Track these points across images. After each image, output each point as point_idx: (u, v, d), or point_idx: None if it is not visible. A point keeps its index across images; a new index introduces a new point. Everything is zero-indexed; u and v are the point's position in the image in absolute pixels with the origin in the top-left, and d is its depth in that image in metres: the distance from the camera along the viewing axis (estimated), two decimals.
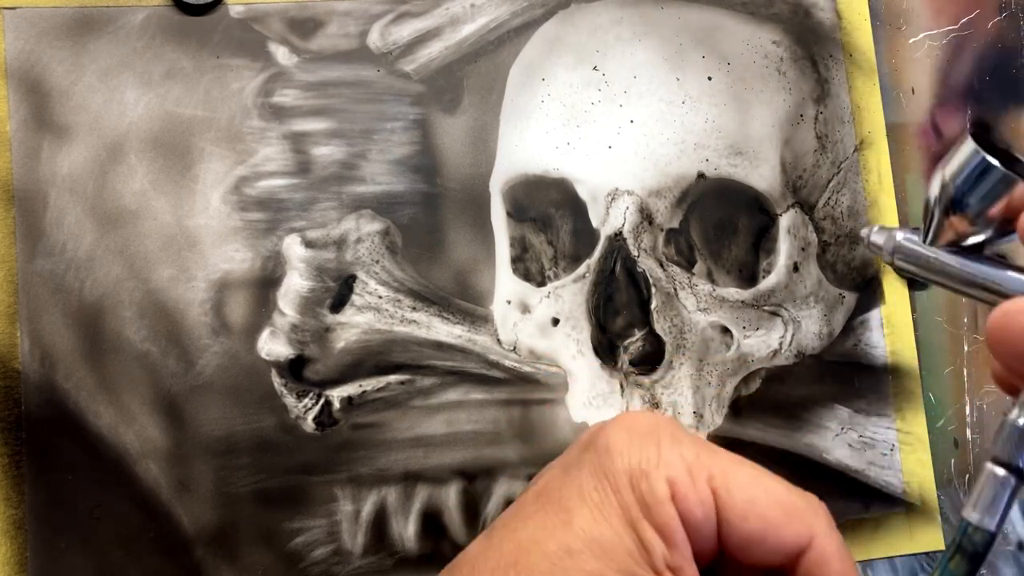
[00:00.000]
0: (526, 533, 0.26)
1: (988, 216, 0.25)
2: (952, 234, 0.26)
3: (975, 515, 0.24)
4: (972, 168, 0.24)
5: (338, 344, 0.40)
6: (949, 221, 0.26)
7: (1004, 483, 0.24)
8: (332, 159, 0.41)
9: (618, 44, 0.43)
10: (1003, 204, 0.24)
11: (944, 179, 0.25)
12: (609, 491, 0.26)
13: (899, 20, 0.47)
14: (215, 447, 0.38)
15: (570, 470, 0.27)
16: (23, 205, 0.38)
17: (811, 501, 0.28)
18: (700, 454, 0.27)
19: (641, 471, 0.26)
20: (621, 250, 0.42)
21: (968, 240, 0.26)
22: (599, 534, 0.25)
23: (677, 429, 0.28)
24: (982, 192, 0.24)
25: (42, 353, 0.38)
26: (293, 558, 0.39)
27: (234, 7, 0.41)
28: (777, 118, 0.44)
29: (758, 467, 0.28)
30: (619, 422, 0.28)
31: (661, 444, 0.27)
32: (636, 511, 0.26)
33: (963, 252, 0.26)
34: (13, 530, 0.37)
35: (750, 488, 0.27)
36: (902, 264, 0.27)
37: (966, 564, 0.24)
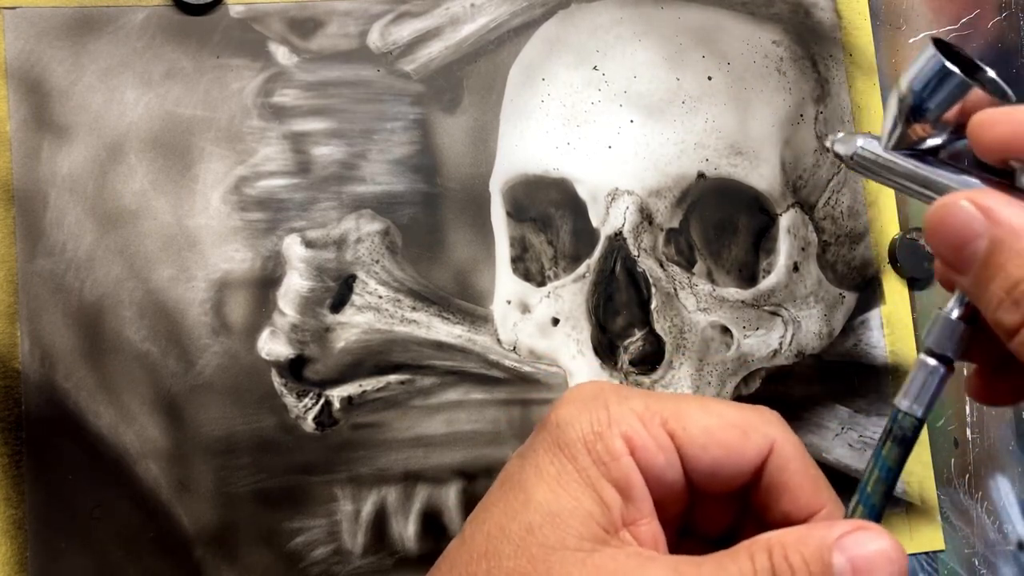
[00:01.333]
0: (492, 522, 0.26)
1: (944, 120, 0.26)
2: (910, 138, 0.27)
3: (905, 402, 0.26)
4: (931, 73, 0.25)
5: (338, 344, 0.40)
6: (907, 125, 0.27)
7: (934, 372, 0.25)
8: (332, 159, 0.41)
9: (618, 44, 0.43)
10: (958, 108, 0.25)
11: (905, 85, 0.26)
12: (565, 461, 0.26)
13: (899, 20, 0.47)
14: (215, 447, 0.38)
15: (526, 455, 0.28)
16: (23, 205, 0.38)
17: (763, 412, 0.28)
18: (649, 403, 0.27)
19: (595, 434, 0.27)
20: (621, 250, 0.42)
21: (924, 144, 0.27)
22: (557, 505, 0.25)
23: (622, 388, 0.29)
24: (940, 97, 0.25)
25: (42, 353, 0.38)
26: (293, 558, 0.39)
27: (234, 7, 0.41)
28: (777, 118, 0.44)
29: (706, 397, 0.28)
30: (565, 397, 0.28)
31: (609, 405, 0.27)
32: (594, 472, 0.26)
33: (919, 156, 0.27)
34: (13, 530, 0.37)
35: (703, 418, 0.27)
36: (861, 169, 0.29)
37: (897, 449, 0.26)
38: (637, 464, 0.26)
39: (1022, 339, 0.22)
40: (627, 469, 0.26)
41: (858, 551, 0.23)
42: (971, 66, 0.26)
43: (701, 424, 0.27)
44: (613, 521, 0.26)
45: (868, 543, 0.23)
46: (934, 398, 0.25)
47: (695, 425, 0.27)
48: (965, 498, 0.44)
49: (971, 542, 0.44)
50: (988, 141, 0.24)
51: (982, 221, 0.23)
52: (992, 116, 0.24)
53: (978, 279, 0.23)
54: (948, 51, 0.26)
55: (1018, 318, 0.22)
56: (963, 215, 0.23)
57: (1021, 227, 0.22)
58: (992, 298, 0.23)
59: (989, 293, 0.23)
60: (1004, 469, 0.45)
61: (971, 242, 0.23)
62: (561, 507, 0.25)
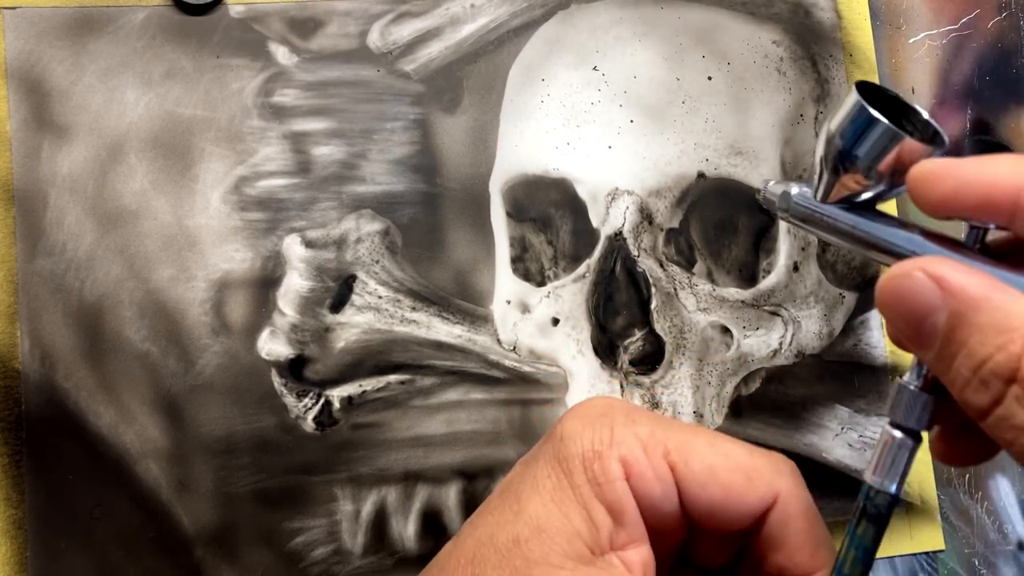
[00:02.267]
0: (485, 529, 0.26)
1: (878, 171, 0.24)
2: (842, 190, 0.25)
3: (875, 479, 0.24)
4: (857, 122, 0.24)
5: (338, 344, 0.40)
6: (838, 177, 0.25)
7: (902, 445, 0.24)
8: (332, 159, 0.41)
9: (618, 44, 0.43)
10: (892, 158, 0.23)
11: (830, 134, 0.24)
12: (562, 476, 0.26)
13: (899, 20, 0.47)
14: (215, 447, 0.38)
15: (529, 463, 0.28)
16: (23, 205, 0.38)
17: (775, 460, 0.27)
18: (655, 431, 0.27)
19: (594, 452, 0.26)
20: (621, 250, 0.42)
21: (861, 196, 0.25)
22: (547, 520, 0.25)
23: (633, 409, 0.28)
24: (868, 147, 0.24)
25: (42, 353, 0.38)
26: (293, 558, 0.39)
27: (234, 7, 0.41)
28: (777, 118, 0.44)
29: (717, 434, 0.28)
30: (574, 410, 0.28)
31: (615, 425, 0.27)
32: (587, 491, 0.26)
33: (855, 208, 0.25)
34: (13, 530, 0.37)
35: (708, 456, 0.26)
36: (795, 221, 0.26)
37: (872, 527, 0.25)
38: (632, 490, 0.26)
39: (995, 420, 0.21)
40: (620, 493, 0.26)
41: None
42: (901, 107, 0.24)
43: (705, 461, 0.26)
44: (600, 543, 0.25)
45: None
46: (905, 472, 0.24)
47: (699, 461, 0.26)
48: (965, 498, 0.44)
49: (971, 542, 0.44)
50: (932, 199, 0.23)
51: (938, 293, 0.22)
52: (934, 171, 0.23)
53: (941, 356, 0.22)
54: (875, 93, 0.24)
55: (988, 399, 0.21)
56: (917, 288, 0.22)
57: (979, 297, 0.21)
58: (957, 378, 0.21)
59: (954, 372, 0.22)
60: (1004, 469, 0.45)
61: (929, 317, 0.22)
62: (550, 522, 0.25)
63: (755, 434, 0.42)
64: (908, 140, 0.23)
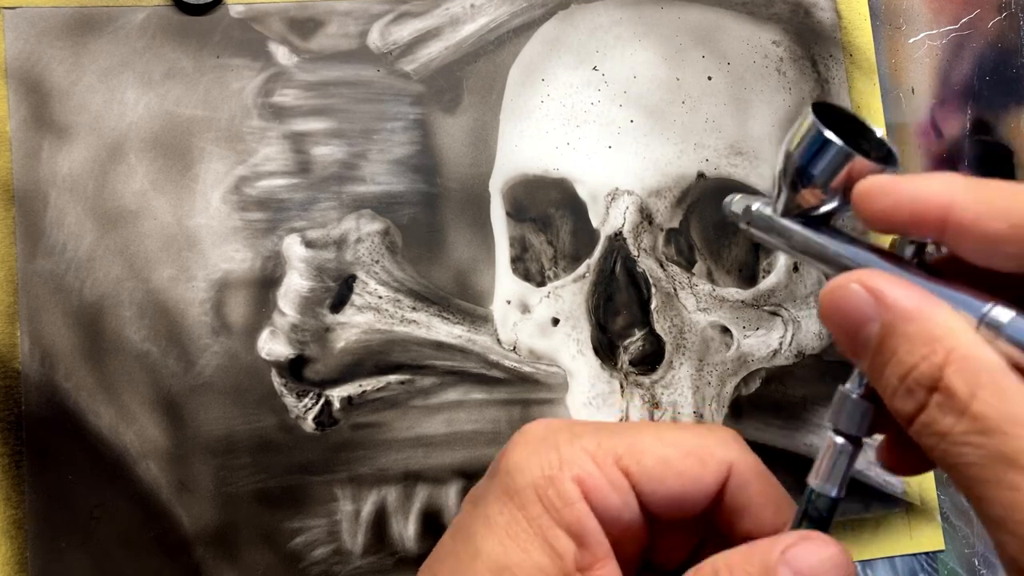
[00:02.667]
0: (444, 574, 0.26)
1: (832, 188, 0.25)
2: (799, 205, 0.26)
3: (817, 483, 0.25)
4: (811, 141, 0.25)
5: (338, 344, 0.40)
6: (795, 193, 0.26)
7: (842, 451, 0.25)
8: (332, 159, 0.41)
9: (618, 44, 0.43)
10: (844, 175, 0.25)
11: (787, 152, 0.26)
12: (515, 510, 0.26)
13: (899, 20, 0.47)
14: (215, 447, 0.38)
15: (478, 502, 0.27)
16: (23, 205, 0.38)
17: (719, 433, 0.28)
18: (601, 440, 0.27)
19: (546, 478, 0.26)
20: (621, 250, 0.42)
21: (819, 210, 0.26)
22: (506, 559, 0.25)
23: (574, 424, 0.28)
24: (822, 165, 0.25)
25: (42, 353, 0.38)
26: (293, 558, 0.39)
27: (234, 7, 0.41)
28: (777, 118, 0.44)
29: (661, 425, 0.28)
30: (515, 439, 0.28)
31: (560, 445, 0.27)
32: (545, 520, 0.25)
33: (811, 223, 0.26)
34: (13, 530, 0.37)
35: (658, 450, 0.27)
36: (756, 233, 0.28)
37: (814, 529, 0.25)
38: (591, 507, 0.26)
39: (918, 427, 0.21)
40: (580, 514, 0.25)
41: (804, 563, 0.23)
42: (858, 126, 0.26)
43: (657, 455, 0.26)
44: (566, 570, 0.25)
45: (814, 554, 0.23)
46: (846, 476, 0.25)
47: (650, 457, 0.26)
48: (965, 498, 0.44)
49: (971, 542, 0.44)
50: (872, 215, 0.24)
51: (873, 304, 0.22)
52: (874, 188, 0.24)
53: (873, 365, 0.23)
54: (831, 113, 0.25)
55: (913, 406, 0.21)
56: (853, 299, 0.23)
57: (911, 309, 0.22)
58: (887, 385, 0.22)
59: (884, 380, 0.22)
60: None
61: (863, 327, 0.23)
62: (510, 560, 0.25)
63: (755, 434, 0.42)
64: (859, 159, 0.24)
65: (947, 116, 0.47)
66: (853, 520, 0.43)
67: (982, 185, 0.22)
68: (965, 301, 0.22)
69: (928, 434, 0.21)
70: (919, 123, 0.46)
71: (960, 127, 0.47)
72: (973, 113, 0.47)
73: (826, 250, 0.26)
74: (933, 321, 0.21)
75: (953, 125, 0.47)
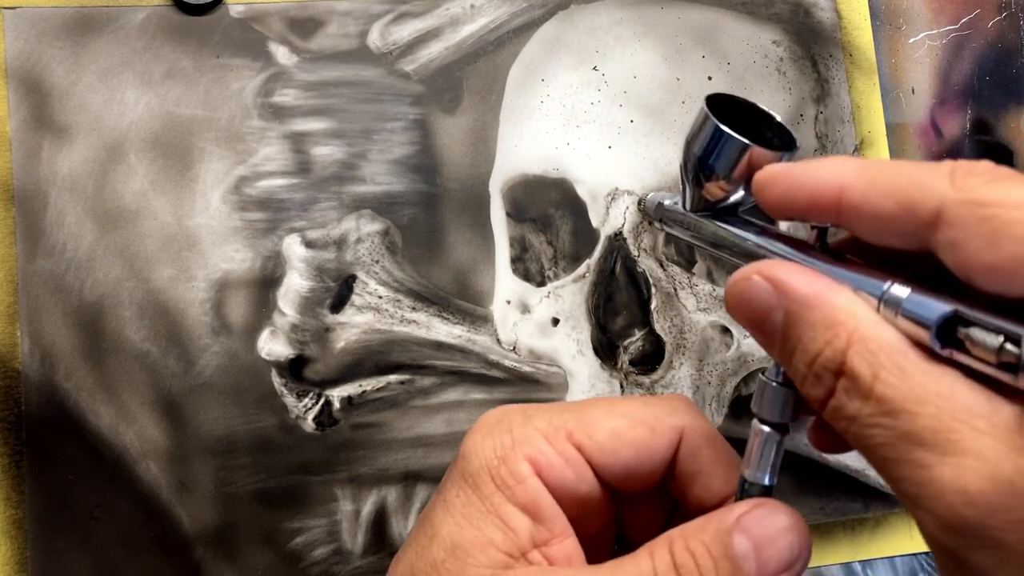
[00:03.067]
0: (406, 561, 0.26)
1: (734, 178, 0.25)
2: (706, 199, 0.26)
3: (749, 472, 0.25)
4: (708, 135, 0.25)
5: (338, 344, 0.40)
6: (699, 186, 0.26)
7: (769, 439, 0.25)
8: (332, 159, 0.41)
9: (618, 44, 0.43)
10: (744, 165, 0.25)
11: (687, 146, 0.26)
12: (470, 492, 0.26)
13: (899, 20, 0.47)
14: (215, 447, 0.38)
15: (440, 489, 0.28)
16: (23, 205, 0.38)
17: (670, 401, 0.28)
18: (552, 419, 0.27)
19: (498, 459, 0.26)
20: (621, 250, 0.42)
21: (727, 202, 0.26)
22: (460, 537, 0.25)
23: (526, 408, 0.28)
24: (722, 158, 0.25)
25: (42, 353, 0.38)
26: (293, 558, 0.39)
27: (234, 7, 0.41)
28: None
29: (612, 399, 0.28)
30: (472, 427, 0.28)
31: (512, 427, 0.27)
32: (498, 498, 0.26)
33: (718, 215, 0.27)
34: (13, 530, 0.37)
35: (609, 421, 0.27)
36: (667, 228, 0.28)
37: None
38: (545, 483, 0.26)
39: (830, 411, 0.22)
40: (532, 490, 0.26)
41: (759, 530, 0.23)
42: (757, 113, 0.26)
43: (607, 428, 0.27)
44: (520, 545, 0.25)
45: (767, 519, 0.23)
46: (776, 463, 0.25)
47: (601, 431, 0.27)
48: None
49: None
50: (771, 202, 0.24)
51: (774, 294, 0.23)
52: (770, 176, 0.24)
53: (782, 353, 0.23)
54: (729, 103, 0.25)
55: (822, 392, 0.22)
56: (756, 290, 0.23)
57: (810, 295, 0.22)
58: (796, 373, 0.22)
59: (793, 367, 0.23)
60: None
61: (768, 317, 0.23)
62: (463, 539, 0.25)
63: None
64: (756, 148, 0.24)
65: (947, 116, 0.47)
66: (853, 520, 0.43)
67: (871, 166, 0.22)
68: (864, 282, 0.22)
69: (839, 418, 0.21)
70: (919, 123, 0.46)
71: (960, 127, 0.47)
72: (973, 113, 0.47)
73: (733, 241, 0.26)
74: (833, 306, 0.22)
75: (953, 125, 0.47)
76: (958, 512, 0.19)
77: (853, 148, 0.45)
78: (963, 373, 0.20)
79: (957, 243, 0.20)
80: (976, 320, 0.20)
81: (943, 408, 0.19)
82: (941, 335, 0.20)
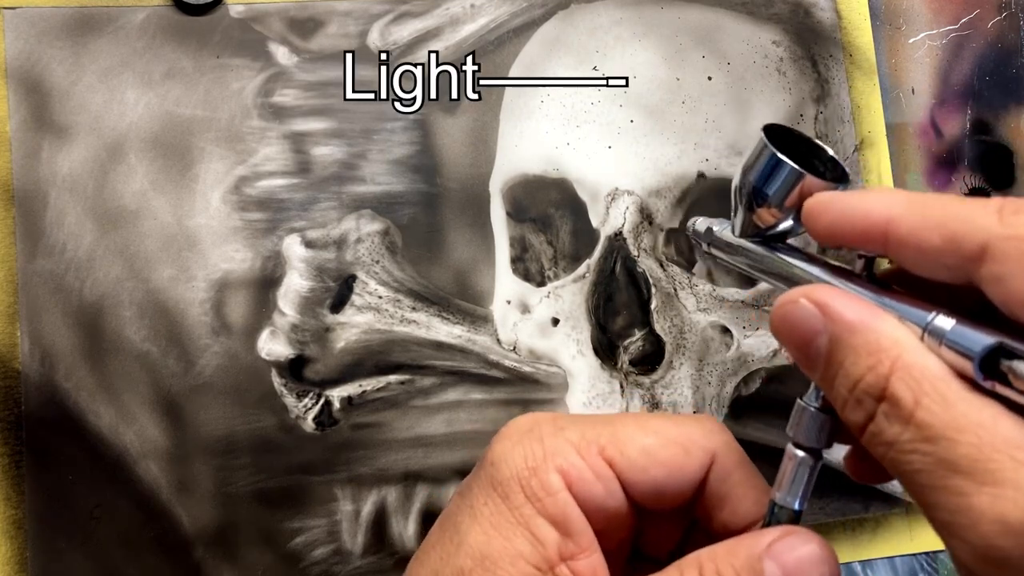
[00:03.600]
0: (429, 566, 0.27)
1: (786, 207, 0.26)
2: (756, 225, 0.27)
3: (779, 495, 0.25)
4: (765, 163, 0.26)
5: (338, 344, 0.40)
6: (751, 212, 0.27)
7: (803, 463, 0.25)
8: (332, 159, 0.41)
9: (618, 44, 0.43)
10: (796, 194, 0.25)
11: (743, 173, 0.27)
12: (499, 501, 0.26)
13: (899, 20, 0.47)
14: (215, 447, 0.38)
15: (465, 493, 0.28)
16: (23, 205, 0.38)
17: (703, 423, 0.28)
18: (585, 431, 0.27)
19: (529, 469, 0.26)
20: (621, 250, 0.42)
21: (776, 229, 0.27)
22: (489, 548, 0.25)
23: (558, 417, 0.28)
24: (776, 185, 0.26)
25: (42, 353, 0.38)
26: (293, 558, 0.39)
27: (234, 7, 0.41)
28: (777, 118, 0.44)
29: (645, 415, 0.28)
30: (501, 432, 0.28)
31: (544, 437, 0.27)
32: (528, 509, 0.26)
33: (767, 242, 0.27)
34: (13, 530, 0.37)
35: (641, 439, 0.27)
36: (717, 253, 0.29)
37: None
38: (575, 497, 0.26)
39: (869, 436, 0.22)
40: (563, 504, 0.26)
41: (789, 556, 0.23)
42: (809, 146, 0.26)
43: (640, 445, 0.27)
44: (548, 558, 0.25)
45: (798, 547, 0.24)
46: (808, 489, 0.25)
47: (634, 448, 0.27)
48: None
49: None
50: (819, 229, 0.24)
51: (820, 318, 0.23)
52: (820, 204, 0.24)
53: (824, 377, 0.23)
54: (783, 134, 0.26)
55: (862, 416, 0.22)
56: (802, 313, 0.23)
57: (855, 321, 0.22)
58: (838, 397, 0.23)
59: (835, 391, 0.23)
60: None
61: (813, 340, 0.23)
62: (492, 549, 0.25)
63: (755, 434, 0.42)
64: (809, 178, 0.25)
65: (947, 116, 0.47)
66: (853, 520, 0.43)
67: (919, 199, 0.22)
68: (910, 311, 0.22)
69: (878, 443, 0.21)
70: (919, 123, 0.46)
71: (960, 127, 0.47)
72: (973, 113, 0.47)
73: (781, 267, 0.27)
74: (878, 332, 0.22)
75: (953, 125, 0.47)
76: (994, 542, 0.19)
77: (853, 148, 0.45)
78: (1005, 406, 0.20)
79: (1002, 278, 0.20)
80: (1020, 353, 0.20)
81: (983, 438, 0.19)
82: (984, 367, 0.20)
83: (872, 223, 0.23)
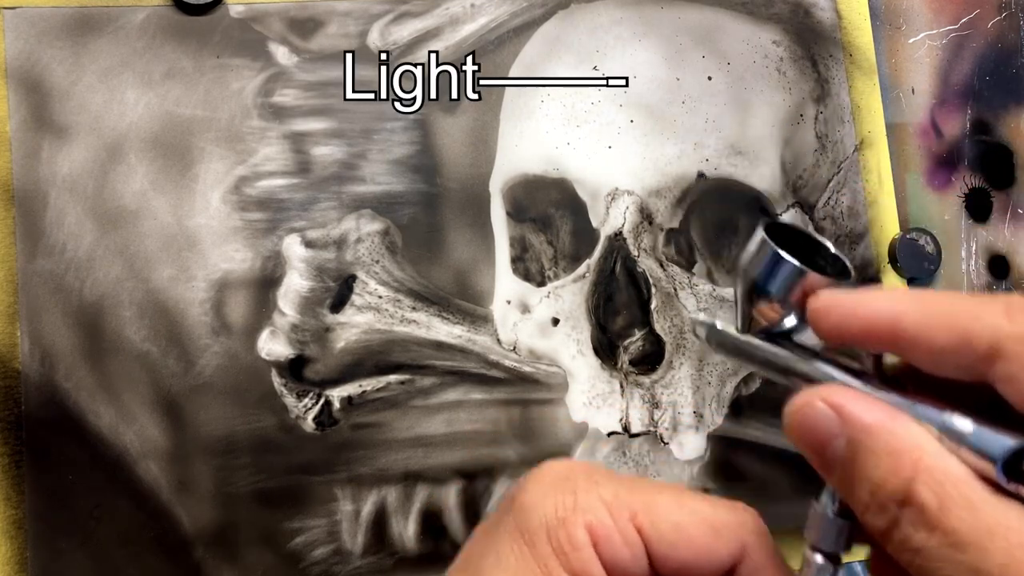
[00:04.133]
0: None
1: (789, 303, 0.26)
2: (760, 321, 0.27)
3: None
4: (765, 259, 0.25)
5: (338, 344, 0.40)
6: (752, 309, 0.27)
7: (823, 569, 0.25)
8: (332, 159, 0.41)
9: (618, 44, 0.43)
10: (799, 291, 0.25)
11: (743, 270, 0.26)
12: (525, 549, 0.26)
13: (899, 20, 0.47)
14: (215, 447, 0.38)
15: (490, 535, 0.27)
16: (23, 205, 0.38)
17: (738, 511, 0.28)
18: (619, 492, 0.27)
19: (558, 519, 0.26)
20: (621, 250, 0.42)
21: (780, 326, 0.27)
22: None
23: (594, 471, 0.28)
24: (777, 282, 0.25)
25: (42, 353, 0.38)
26: (293, 558, 0.39)
27: (234, 7, 0.41)
28: (777, 118, 0.44)
29: (680, 489, 0.28)
30: (533, 475, 0.28)
31: (577, 490, 0.27)
32: (553, 562, 0.25)
33: (772, 339, 0.27)
34: (13, 530, 0.37)
35: (675, 514, 0.26)
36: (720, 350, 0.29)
37: None
38: (600, 556, 0.26)
39: (895, 543, 0.21)
40: (587, 561, 0.25)
41: None
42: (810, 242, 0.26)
43: (672, 520, 0.26)
44: None
45: None
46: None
47: (665, 521, 0.26)
48: None
49: None
50: (826, 330, 0.24)
51: (837, 421, 0.23)
52: (825, 304, 0.24)
53: (843, 481, 0.23)
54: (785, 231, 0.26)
55: (885, 522, 0.22)
56: (818, 416, 0.23)
57: (874, 424, 0.22)
58: (858, 502, 0.22)
59: (855, 496, 0.23)
60: None
61: (830, 443, 0.23)
62: None
63: (755, 434, 0.42)
64: (812, 275, 0.25)
65: (947, 116, 0.47)
66: None
67: (926, 297, 0.22)
68: (926, 412, 0.22)
69: (904, 550, 0.21)
70: (919, 123, 0.46)
71: (960, 127, 0.47)
72: (973, 113, 0.47)
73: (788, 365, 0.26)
74: (897, 435, 0.22)
75: (953, 125, 0.47)
76: None
77: (853, 148, 0.45)
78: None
79: (1016, 377, 0.20)
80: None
81: (1013, 542, 0.19)
82: (1007, 469, 0.20)
83: (879, 322, 0.23)
